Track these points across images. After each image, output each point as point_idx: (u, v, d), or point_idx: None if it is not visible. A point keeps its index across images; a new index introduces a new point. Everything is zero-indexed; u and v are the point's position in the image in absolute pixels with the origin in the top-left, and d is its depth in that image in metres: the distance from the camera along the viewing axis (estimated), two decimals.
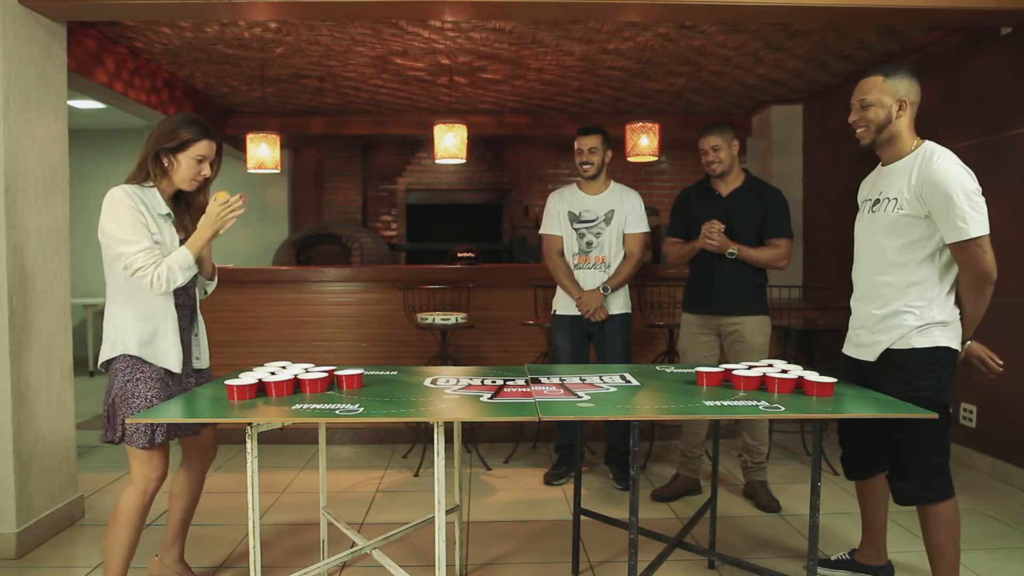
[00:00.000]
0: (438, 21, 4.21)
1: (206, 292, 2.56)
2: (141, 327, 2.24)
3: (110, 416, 2.24)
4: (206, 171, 2.34)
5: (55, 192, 3.18)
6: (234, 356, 4.49)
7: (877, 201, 2.39)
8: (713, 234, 3.22)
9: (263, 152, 5.33)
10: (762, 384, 2.25)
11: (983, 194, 2.18)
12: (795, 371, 2.27)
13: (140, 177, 2.29)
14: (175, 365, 2.29)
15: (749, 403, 2.07)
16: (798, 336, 4.33)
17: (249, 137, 5.36)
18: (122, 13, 3.41)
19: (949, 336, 2.26)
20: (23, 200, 2.97)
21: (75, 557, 2.88)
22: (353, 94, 6.05)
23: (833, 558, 2.74)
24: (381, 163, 8.53)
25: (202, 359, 2.48)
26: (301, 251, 7.61)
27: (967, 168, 2.21)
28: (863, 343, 2.40)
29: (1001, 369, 2.34)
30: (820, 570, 2.70)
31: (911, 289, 2.27)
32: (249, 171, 5.45)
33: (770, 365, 2.43)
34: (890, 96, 2.28)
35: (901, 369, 2.28)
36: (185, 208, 2.42)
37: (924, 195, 2.20)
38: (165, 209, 2.30)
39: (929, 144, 2.29)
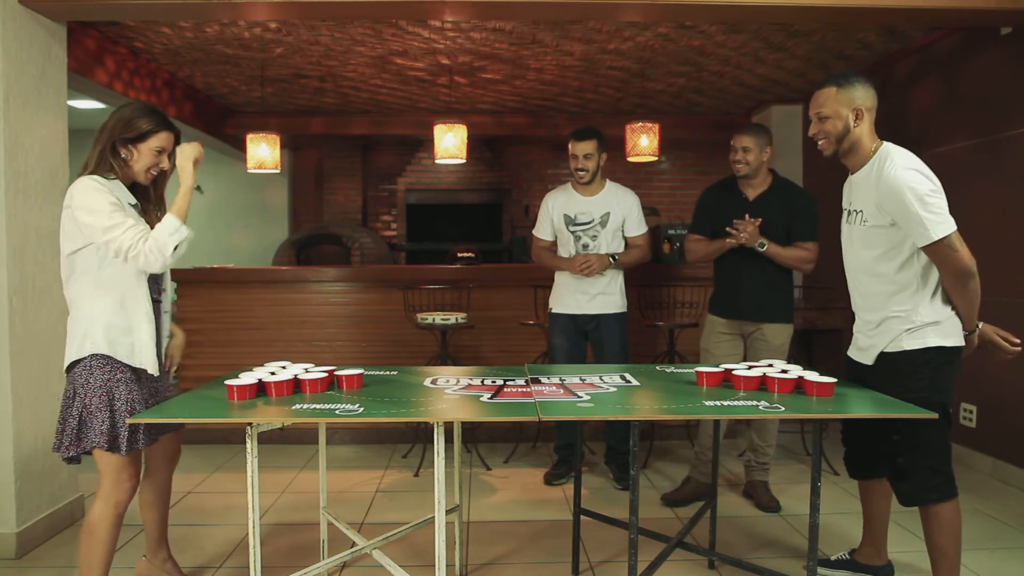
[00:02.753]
0: (438, 21, 4.21)
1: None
2: (114, 321, 2.15)
3: (79, 427, 2.10)
4: (164, 163, 2.25)
5: (55, 192, 3.18)
6: (234, 356, 4.50)
7: (849, 212, 2.42)
8: (744, 228, 3.19)
9: (263, 152, 5.33)
10: (762, 384, 2.25)
11: (980, 190, 2.18)
12: (795, 371, 2.28)
13: (103, 169, 2.18)
14: (151, 364, 2.20)
15: (749, 403, 2.07)
16: (798, 336, 4.33)
17: (249, 137, 5.36)
18: (122, 13, 3.41)
19: (942, 335, 2.25)
20: (23, 200, 2.97)
21: (75, 557, 2.87)
22: (353, 94, 6.05)
23: (833, 558, 2.74)
24: (381, 163, 8.53)
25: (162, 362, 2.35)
26: (301, 251, 7.60)
27: (920, 168, 2.19)
28: (862, 347, 2.43)
29: (1019, 347, 2.32)
30: (820, 570, 2.70)
31: (896, 296, 2.29)
32: (249, 171, 5.45)
33: (770, 365, 2.43)
34: (846, 106, 2.29)
35: (894, 371, 2.29)
36: (143, 203, 2.31)
37: (883, 205, 2.21)
38: (133, 199, 2.23)
39: (884, 148, 2.29)
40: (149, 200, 2.32)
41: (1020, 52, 3.74)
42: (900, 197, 2.15)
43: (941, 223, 2.12)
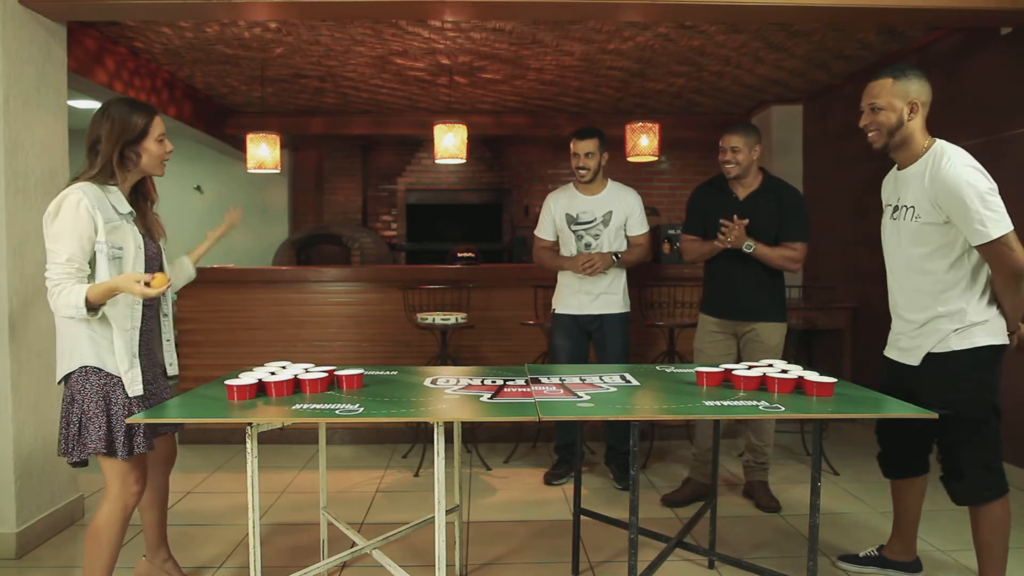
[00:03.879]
0: (438, 21, 4.21)
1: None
2: (96, 335, 2.12)
3: (80, 432, 2.09)
4: (169, 146, 2.25)
5: (55, 192, 3.12)
6: (234, 356, 4.50)
7: (897, 208, 2.38)
8: (731, 231, 3.20)
9: (263, 152, 5.33)
10: (762, 384, 2.24)
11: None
12: (795, 371, 2.27)
13: (104, 176, 2.15)
14: (128, 382, 2.14)
15: (749, 403, 2.07)
16: (798, 336, 4.33)
17: (249, 137, 5.36)
18: (122, 13, 3.41)
19: (990, 333, 2.25)
20: (23, 200, 2.97)
21: (75, 557, 2.88)
22: (353, 94, 6.05)
23: (861, 554, 2.75)
24: (381, 163, 8.53)
25: (174, 365, 2.38)
26: (301, 251, 7.61)
27: (978, 167, 2.18)
28: (904, 347, 2.41)
29: None
30: (848, 566, 2.73)
31: (944, 295, 2.27)
32: (249, 171, 5.45)
33: (770, 365, 2.43)
34: (900, 99, 2.27)
35: (943, 372, 2.28)
36: (142, 202, 2.29)
37: (939, 202, 2.19)
38: (127, 208, 2.19)
39: (939, 145, 2.27)
40: (147, 199, 2.31)
41: (1020, 52, 3.74)
42: (960, 194, 2.12)
43: (1000, 221, 2.12)
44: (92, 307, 2.03)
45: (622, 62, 5.08)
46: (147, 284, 2.01)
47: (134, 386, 2.16)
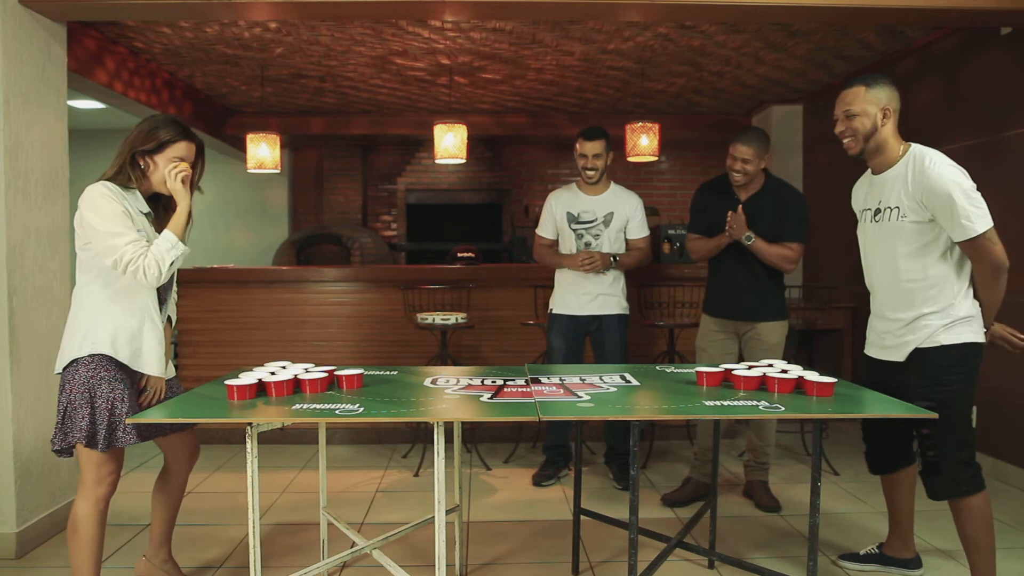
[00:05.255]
0: (438, 21, 4.21)
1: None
2: (122, 326, 2.18)
3: (63, 421, 2.14)
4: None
5: (55, 192, 3.19)
6: (234, 356, 4.50)
7: (878, 211, 2.43)
8: (734, 220, 3.21)
9: (263, 152, 5.33)
10: (762, 384, 2.25)
11: (980, 190, 2.24)
12: (795, 371, 2.28)
13: (121, 179, 2.22)
14: (155, 368, 2.24)
15: (749, 403, 2.07)
16: (798, 336, 4.33)
17: (249, 137, 5.36)
18: (122, 13, 3.41)
19: (974, 330, 2.31)
20: (23, 200, 2.97)
21: None
22: (353, 94, 6.05)
23: (862, 552, 2.77)
24: (381, 163, 8.53)
25: (169, 368, 2.40)
26: (301, 251, 7.60)
27: (958, 167, 2.26)
28: (889, 345, 2.43)
29: None
30: (849, 565, 2.75)
31: (932, 291, 2.31)
32: (249, 171, 5.45)
33: (770, 365, 2.43)
34: (874, 105, 2.34)
35: (931, 367, 2.32)
36: (163, 212, 2.34)
37: (925, 201, 2.25)
38: (146, 208, 2.26)
39: (916, 148, 2.35)
40: (169, 212, 2.32)
41: (1020, 52, 3.75)
42: (946, 191, 2.19)
43: (983, 217, 2.19)
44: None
45: (622, 62, 5.08)
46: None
47: (158, 366, 2.24)
